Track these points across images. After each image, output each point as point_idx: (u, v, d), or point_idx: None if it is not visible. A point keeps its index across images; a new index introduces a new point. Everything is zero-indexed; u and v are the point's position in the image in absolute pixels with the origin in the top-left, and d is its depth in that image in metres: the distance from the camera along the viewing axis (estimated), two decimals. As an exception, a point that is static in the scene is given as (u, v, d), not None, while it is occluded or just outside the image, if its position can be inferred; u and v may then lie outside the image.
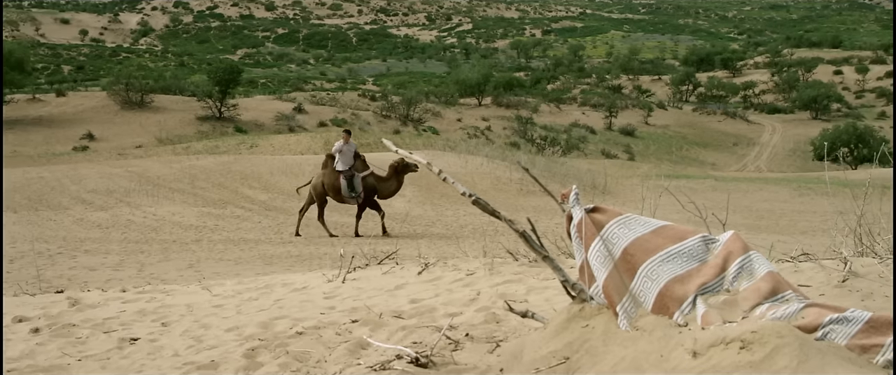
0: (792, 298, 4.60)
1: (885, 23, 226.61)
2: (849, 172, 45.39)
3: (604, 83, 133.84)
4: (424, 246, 17.30)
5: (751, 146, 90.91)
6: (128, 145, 59.11)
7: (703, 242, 4.96)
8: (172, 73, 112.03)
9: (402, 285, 8.81)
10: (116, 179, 30.00)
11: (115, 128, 65.05)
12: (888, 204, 8.79)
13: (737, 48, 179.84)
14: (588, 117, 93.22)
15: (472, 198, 5.38)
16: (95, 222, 23.15)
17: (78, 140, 60.68)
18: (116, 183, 29.34)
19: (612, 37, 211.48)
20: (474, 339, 5.97)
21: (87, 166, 35.96)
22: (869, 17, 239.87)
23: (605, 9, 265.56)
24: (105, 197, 27.13)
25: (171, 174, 30.90)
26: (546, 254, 5.29)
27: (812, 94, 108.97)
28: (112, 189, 28.27)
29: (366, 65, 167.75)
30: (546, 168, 34.49)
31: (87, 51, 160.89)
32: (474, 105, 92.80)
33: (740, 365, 3.68)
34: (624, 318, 4.72)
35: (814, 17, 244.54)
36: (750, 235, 18.95)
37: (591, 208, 5.10)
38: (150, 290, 9.99)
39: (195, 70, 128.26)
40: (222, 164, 32.82)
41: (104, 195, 27.33)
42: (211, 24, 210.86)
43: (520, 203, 28.79)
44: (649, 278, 4.77)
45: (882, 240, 8.14)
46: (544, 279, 8.12)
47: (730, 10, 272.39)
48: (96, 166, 35.93)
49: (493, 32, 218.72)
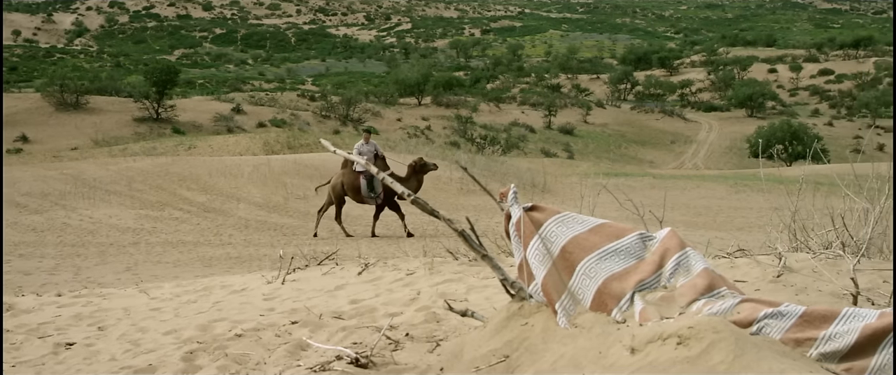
0: (727, 294, 4.65)
1: (817, 21, 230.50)
2: (783, 169, 46.11)
3: (543, 82, 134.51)
4: (365, 247, 17.27)
5: (688, 144, 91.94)
6: (63, 147, 58.23)
7: (641, 239, 5.00)
8: (108, 74, 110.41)
9: (343, 285, 8.78)
10: (51, 182, 29.51)
11: (49, 129, 64.06)
12: (821, 199, 8.92)
13: (674, 47, 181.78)
14: (527, 116, 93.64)
15: (411, 198, 5.38)
16: (30, 225, 22.77)
17: (11, 142, 59.64)
18: (51, 185, 28.86)
19: (551, 36, 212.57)
20: (414, 339, 5.96)
21: (21, 169, 35.33)
22: (802, 17, 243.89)
23: (544, 8, 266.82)
24: (40, 200, 26.68)
25: (108, 176, 30.47)
26: (485, 253, 5.29)
27: (747, 92, 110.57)
28: (47, 192, 27.80)
29: (305, 65, 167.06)
30: (486, 167, 34.60)
31: (20, 51, 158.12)
32: (414, 104, 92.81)
33: (677, 361, 3.71)
34: (563, 316, 4.74)
35: (748, 17, 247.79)
36: (688, 232, 19.16)
37: (530, 207, 5.12)
38: (86, 294, 9.85)
39: (132, 71, 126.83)
40: (160, 166, 32.43)
41: (39, 198, 26.88)
42: (147, 25, 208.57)
43: (460, 202, 28.85)
44: (587, 275, 4.80)
45: (816, 235, 8.26)
46: (484, 278, 8.14)
47: (666, 9, 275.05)
48: (30, 169, 35.31)
49: (433, 32, 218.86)
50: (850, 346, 4.14)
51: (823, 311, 4.31)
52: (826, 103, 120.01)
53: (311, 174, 29.94)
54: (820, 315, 4.22)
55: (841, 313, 4.27)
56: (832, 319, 4.24)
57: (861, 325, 4.13)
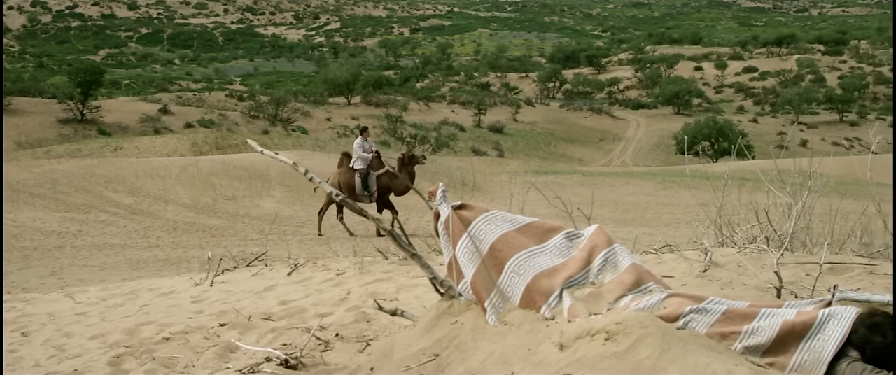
0: (655, 289, 4.71)
1: (741, 20, 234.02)
2: (710, 165, 46.72)
3: (472, 81, 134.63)
4: (295, 247, 17.16)
5: (616, 141, 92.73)
6: (-16, 150, 57.02)
7: (568, 237, 5.05)
8: (31, 75, 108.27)
9: (272, 286, 8.72)
10: (-28, 185, 28.90)
11: (-30, 132, 62.71)
12: (746, 195, 9.06)
13: (601, 45, 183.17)
14: (457, 115, 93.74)
15: (340, 198, 5.36)
16: (-50, 230, 22.28)
17: (-70, 145, 58.27)
18: (-28, 189, 28.27)
19: (480, 35, 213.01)
20: (345, 339, 5.95)
21: (-59, 172, 34.53)
22: (726, 15, 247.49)
23: (473, 7, 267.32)
24: (-40, 204, 26.14)
25: (32, 179, 29.88)
26: (414, 252, 5.30)
27: (674, 90, 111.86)
28: (-32, 195, 27.23)
29: (233, 65, 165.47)
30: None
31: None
32: (344, 104, 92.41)
33: (605, 356, 3.75)
34: (492, 314, 4.76)
35: (675, 15, 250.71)
36: (616, 228, 19.33)
37: (458, 205, 5.13)
38: (9, 299, 9.67)
39: (55, 71, 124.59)
40: (85, 168, 31.88)
41: (-40, 202, 26.32)
42: (71, 24, 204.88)
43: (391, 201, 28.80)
44: (516, 273, 4.82)
45: (741, 230, 8.40)
46: (414, 277, 8.14)
47: (594, 7, 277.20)
48: (-49, 172, 34.53)
49: (362, 31, 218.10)
50: (772, 340, 4.21)
51: (747, 307, 4.39)
52: (750, 100, 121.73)
53: (239, 175, 29.66)
54: (742, 313, 4.30)
55: (761, 311, 4.35)
56: (754, 315, 4.32)
57: (780, 321, 4.21)
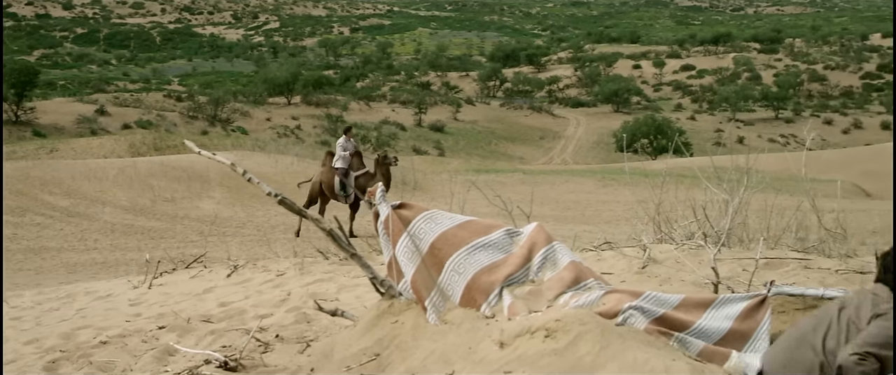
0: (594, 286, 4.74)
1: (678, 18, 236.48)
2: (648, 163, 47.18)
3: (413, 80, 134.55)
4: (235, 248, 17.02)
5: (557, 139, 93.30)
6: (-85, 153, 55.89)
7: (508, 235, 5.06)
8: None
9: (211, 288, 8.66)
10: None
11: None
12: (684, 192, 9.15)
13: (541, 44, 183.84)
14: (398, 114, 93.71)
15: (278, 198, 5.32)
16: None
17: None
18: None
19: (420, 34, 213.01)
20: (285, 340, 5.91)
21: None
22: (664, 14, 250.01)
23: (412, 6, 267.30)
24: None
25: (-36, 182, 29.39)
26: (354, 252, 5.28)
27: (613, 88, 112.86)
28: None
29: (171, 65, 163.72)
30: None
31: None
32: (283, 104, 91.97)
33: (545, 353, 3.76)
34: (432, 312, 4.76)
35: (613, 14, 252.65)
36: (557, 226, 19.44)
37: (398, 205, 5.12)
38: (-59, 305, 9.49)
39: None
40: (20, 170, 31.32)
41: None
42: (4, 24, 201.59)
43: (332, 202, 28.68)
44: (456, 271, 4.83)
45: (679, 227, 8.48)
46: (355, 277, 8.12)
47: (533, 6, 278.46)
48: None
49: (301, 31, 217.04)
50: (715, 338, 4.28)
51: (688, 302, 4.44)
52: (688, 98, 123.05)
53: (178, 176, 29.35)
54: (682, 313, 4.35)
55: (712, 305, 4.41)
56: (698, 312, 4.37)
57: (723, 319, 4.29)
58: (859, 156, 57.56)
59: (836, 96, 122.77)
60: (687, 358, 3.83)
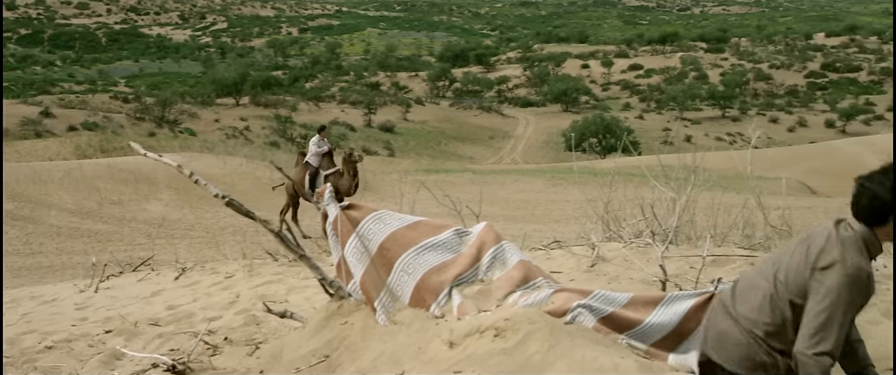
0: (543, 284, 4.75)
1: (626, 18, 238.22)
2: (597, 162, 47.46)
3: (362, 80, 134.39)
4: (183, 251, 16.88)
5: (506, 139, 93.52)
6: None
7: (457, 234, 5.06)
8: None
9: (159, 291, 8.58)
10: None
11: None
12: (632, 190, 9.21)
13: (490, 44, 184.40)
14: (347, 115, 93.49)
15: (226, 200, 5.28)
16: None
17: None
18: None
19: (369, 34, 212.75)
20: (234, 343, 5.87)
21: None
22: (612, 14, 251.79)
23: (361, 6, 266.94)
24: None
25: None
26: (302, 253, 5.25)
27: (562, 88, 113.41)
28: None
29: (117, 66, 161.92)
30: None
31: None
32: (232, 105, 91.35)
33: (494, 353, 3.76)
34: (382, 313, 4.75)
35: (562, 14, 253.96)
36: (506, 226, 19.47)
37: (346, 205, 5.10)
38: None
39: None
40: (-38, 174, 30.92)
41: None
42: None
43: (282, 202, 28.53)
44: (405, 272, 4.82)
45: (627, 225, 8.53)
46: (304, 278, 8.08)
47: (482, 6, 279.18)
48: None
49: (249, 31, 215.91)
50: (663, 335, 4.30)
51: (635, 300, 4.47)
52: (636, 97, 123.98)
53: (125, 178, 29.04)
54: (630, 311, 4.38)
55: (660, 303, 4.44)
56: (646, 310, 4.39)
57: (671, 316, 4.32)
58: (804, 153, 58.35)
59: (782, 95, 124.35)
60: (635, 356, 3.85)
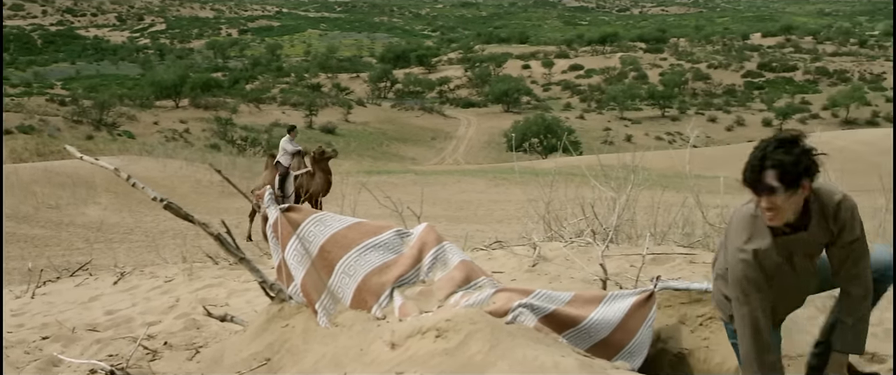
0: (484, 284, 4.77)
1: (566, 19, 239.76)
2: (539, 162, 47.66)
3: (303, 82, 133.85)
4: (122, 255, 16.68)
5: (448, 140, 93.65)
6: None
7: (398, 235, 5.05)
8: None
9: (97, 296, 8.46)
10: None
11: None
12: (573, 190, 9.26)
13: (431, 45, 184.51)
14: (288, 116, 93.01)
15: (164, 203, 5.23)
16: None
17: None
18: None
19: (310, 35, 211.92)
20: (173, 347, 5.81)
21: None
22: (552, 14, 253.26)
23: (302, 7, 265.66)
24: None
25: None
26: (242, 256, 5.21)
27: (503, 88, 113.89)
28: None
29: (53, 68, 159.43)
30: (248, 169, 34.06)
31: None
32: (171, 107, 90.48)
33: (436, 353, 3.76)
34: (323, 315, 4.73)
35: (502, 15, 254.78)
36: (449, 226, 19.49)
37: (287, 207, 5.08)
38: None
39: None
40: None
41: None
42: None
43: (222, 205, 28.28)
44: (347, 274, 4.81)
45: (568, 225, 8.58)
46: (245, 281, 8.02)
47: (423, 7, 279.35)
48: None
49: (188, 32, 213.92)
50: (604, 333, 4.34)
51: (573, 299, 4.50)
52: (577, 97, 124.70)
53: (62, 182, 28.64)
54: (572, 310, 4.41)
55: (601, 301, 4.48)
56: (588, 308, 4.43)
57: (612, 314, 4.36)
58: (742, 152, 58.75)
59: (720, 94, 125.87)
60: (576, 354, 3.86)
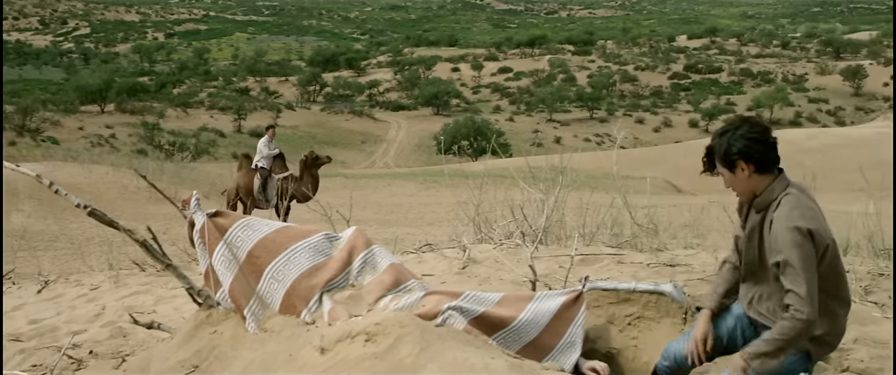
0: (414, 288, 4.76)
1: (495, 21, 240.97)
2: (469, 164, 47.81)
3: (231, 86, 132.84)
4: (46, 263, 16.38)
5: (378, 143, 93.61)
6: None
7: (327, 239, 5.03)
8: None
9: (20, 306, 8.29)
10: None
11: None
12: (503, 192, 9.29)
13: (360, 48, 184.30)
14: (217, 121, 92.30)
15: (88, 210, 5.14)
16: None
17: None
18: None
19: (237, 39, 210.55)
20: (99, 356, 5.72)
21: None
22: (481, 17, 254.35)
23: (229, 11, 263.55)
24: None
25: None
26: (169, 263, 5.14)
27: (433, 91, 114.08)
28: None
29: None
30: (176, 174, 33.72)
31: None
32: (97, 112, 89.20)
33: (366, 357, 3.75)
34: (252, 321, 4.69)
35: (431, 17, 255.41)
36: (379, 230, 19.45)
37: (214, 213, 5.02)
38: None
39: None
40: None
41: None
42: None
43: (150, 211, 27.92)
44: (275, 279, 4.77)
45: (498, 227, 8.60)
46: (173, 288, 7.93)
47: (352, 10, 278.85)
48: None
49: (113, 36, 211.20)
50: (534, 334, 4.36)
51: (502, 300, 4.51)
52: (506, 100, 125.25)
53: (-17, 189, 28.06)
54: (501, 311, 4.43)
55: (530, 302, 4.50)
56: (517, 309, 4.44)
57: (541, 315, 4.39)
58: (670, 153, 59.82)
59: (647, 96, 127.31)
60: (505, 355, 3.88)
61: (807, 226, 3.76)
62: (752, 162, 3.84)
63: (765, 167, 3.87)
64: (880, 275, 6.67)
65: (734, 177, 3.90)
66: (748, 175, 3.87)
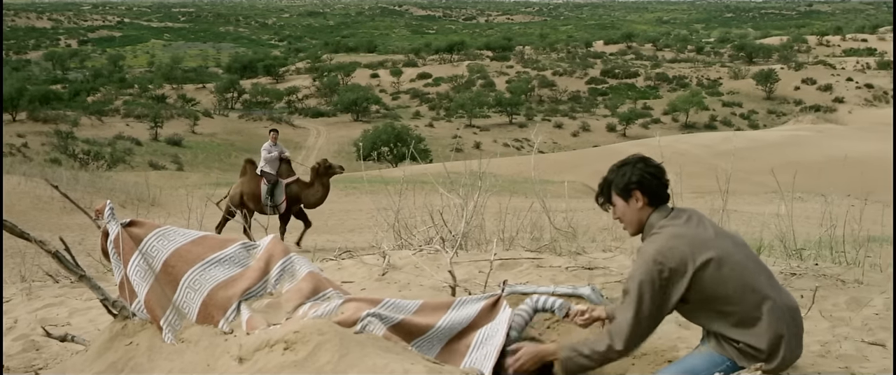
0: (333, 295, 4.75)
1: (414, 28, 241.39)
2: (389, 170, 47.81)
3: (147, 93, 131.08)
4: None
5: (298, 150, 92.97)
6: None
7: (244, 248, 4.99)
8: None
9: (-74, 321, 8.08)
10: None
11: None
12: (423, 198, 9.31)
13: (278, 55, 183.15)
14: (132, 129, 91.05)
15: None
16: None
17: None
18: None
19: (153, 46, 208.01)
20: (11, 371, 5.61)
21: None
22: (399, 23, 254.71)
23: (144, 17, 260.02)
24: None
25: None
26: (83, 274, 5.06)
27: (352, 97, 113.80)
28: None
29: None
30: (91, 183, 33.12)
31: None
32: (8, 121, 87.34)
33: (285, 365, 3.73)
34: (169, 331, 4.63)
35: (350, 24, 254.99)
36: (299, 237, 19.27)
37: (128, 222, 4.94)
38: None
39: None
40: None
41: None
42: None
43: (65, 222, 27.39)
44: (192, 288, 4.72)
45: (418, 232, 8.62)
46: (88, 299, 7.79)
47: (269, 17, 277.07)
48: None
49: (25, 43, 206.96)
50: (451, 338, 4.37)
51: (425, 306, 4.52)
52: (426, 105, 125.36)
53: None
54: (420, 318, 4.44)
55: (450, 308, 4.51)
56: (436, 315, 4.45)
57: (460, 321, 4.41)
58: (588, 157, 60.37)
59: (565, 101, 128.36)
60: (425, 361, 3.88)
61: (662, 261, 3.94)
62: (647, 194, 4.10)
63: (656, 201, 4.11)
64: (792, 275, 6.83)
65: (627, 206, 4.14)
66: (641, 206, 4.11)
